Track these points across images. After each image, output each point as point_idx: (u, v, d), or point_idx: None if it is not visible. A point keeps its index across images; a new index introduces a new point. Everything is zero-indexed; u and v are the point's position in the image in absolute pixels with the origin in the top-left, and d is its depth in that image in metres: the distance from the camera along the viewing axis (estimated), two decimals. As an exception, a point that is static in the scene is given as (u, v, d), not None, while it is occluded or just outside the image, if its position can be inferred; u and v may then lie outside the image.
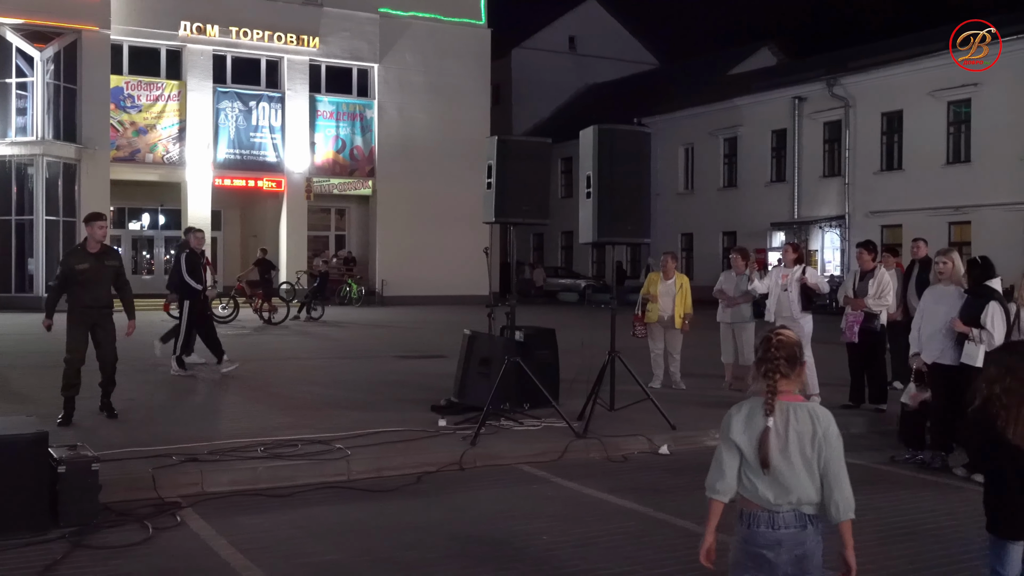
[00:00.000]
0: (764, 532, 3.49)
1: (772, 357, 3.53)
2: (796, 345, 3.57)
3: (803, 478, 3.46)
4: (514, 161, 9.38)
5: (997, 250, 16.67)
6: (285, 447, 8.20)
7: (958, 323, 7.88)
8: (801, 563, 3.49)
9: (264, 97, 34.89)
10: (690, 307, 12.38)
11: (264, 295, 23.87)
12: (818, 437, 3.47)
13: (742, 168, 38.36)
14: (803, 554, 3.48)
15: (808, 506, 3.48)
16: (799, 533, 3.47)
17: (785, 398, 3.52)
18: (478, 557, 5.76)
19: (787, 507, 3.47)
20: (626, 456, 8.67)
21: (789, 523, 3.47)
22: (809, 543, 3.49)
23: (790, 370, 3.52)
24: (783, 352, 3.53)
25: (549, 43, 53.33)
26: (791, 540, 3.47)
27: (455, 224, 34.20)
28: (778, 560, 3.48)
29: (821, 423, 3.49)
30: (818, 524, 3.51)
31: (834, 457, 3.48)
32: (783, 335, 3.59)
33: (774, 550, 3.48)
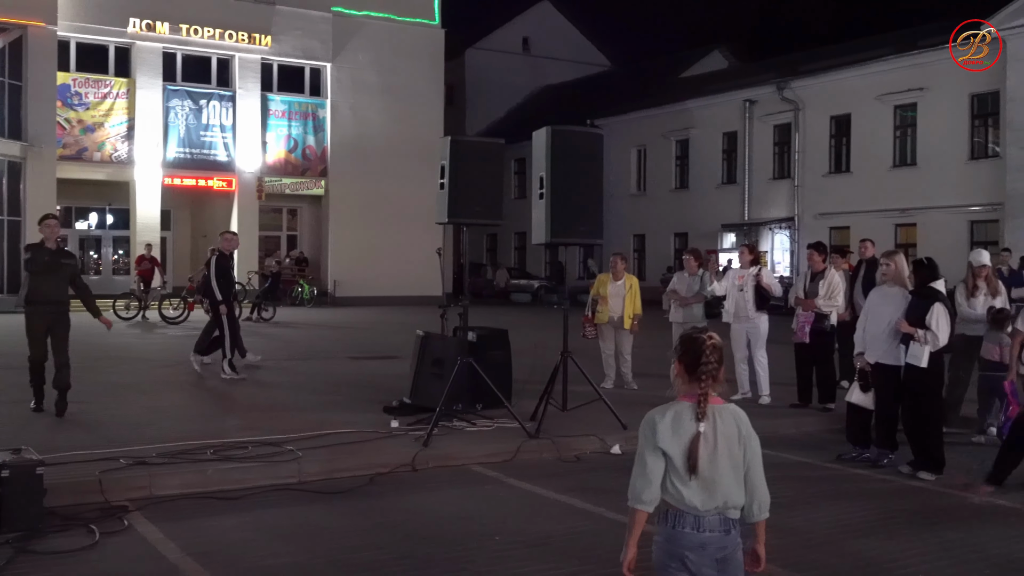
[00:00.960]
0: (689, 534, 3.48)
1: (708, 362, 3.50)
2: (722, 347, 3.59)
3: (730, 482, 3.48)
4: (467, 162, 9.38)
5: (942, 252, 17.00)
6: (235, 449, 8.12)
7: (904, 324, 8.01)
8: (722, 565, 3.50)
9: (215, 95, 34.51)
10: (639, 308, 12.46)
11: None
12: (743, 438, 3.51)
13: (694, 170, 38.69)
14: (724, 557, 3.49)
15: (733, 510, 3.50)
16: (723, 537, 3.48)
17: (713, 401, 3.52)
18: (430, 558, 5.75)
19: (714, 511, 3.47)
20: (579, 456, 8.71)
21: (714, 527, 3.48)
22: (730, 546, 3.50)
23: (719, 373, 3.53)
24: (716, 356, 3.52)
25: (503, 44, 53.39)
26: (715, 544, 3.48)
27: (408, 224, 34.11)
28: (700, 562, 3.47)
29: (743, 424, 3.54)
30: (739, 527, 3.53)
31: (756, 457, 3.52)
32: (715, 339, 3.58)
33: (697, 552, 3.47)
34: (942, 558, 5.84)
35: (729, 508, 3.49)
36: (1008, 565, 5.71)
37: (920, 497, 7.36)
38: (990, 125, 29.23)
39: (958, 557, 5.85)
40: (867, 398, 8.46)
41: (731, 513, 3.50)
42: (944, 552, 5.96)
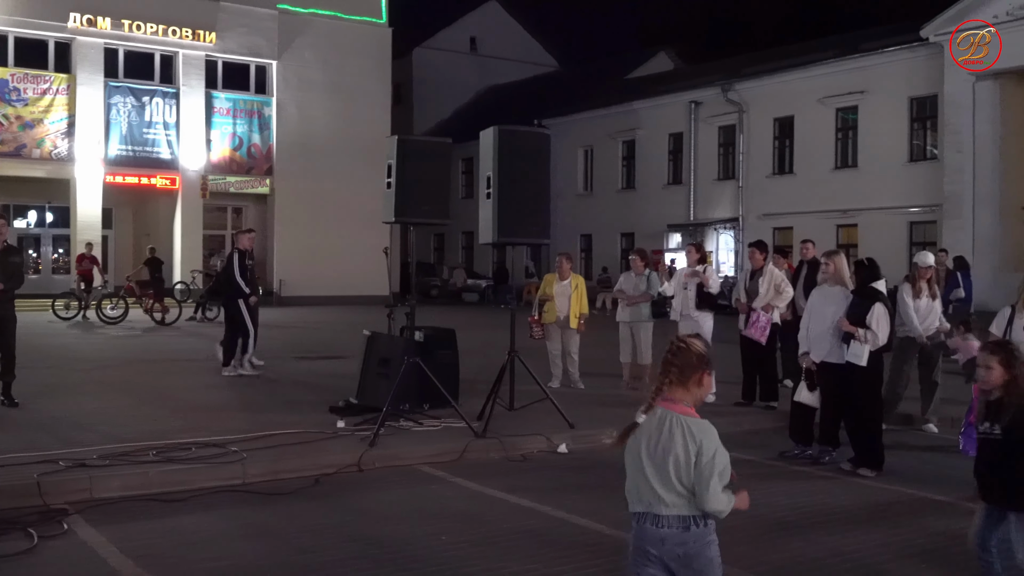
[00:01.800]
0: (649, 529, 3.55)
1: (667, 361, 3.61)
2: (696, 356, 3.60)
3: (653, 485, 3.53)
4: (414, 161, 9.36)
5: (882, 252, 17.33)
6: (178, 451, 8.01)
7: (845, 323, 8.14)
8: (685, 561, 3.53)
9: (158, 92, 34.02)
10: (586, 307, 12.53)
11: (155, 295, 23.26)
12: (689, 457, 3.49)
13: (640, 170, 38.96)
14: (685, 553, 3.53)
15: (685, 509, 3.52)
16: (681, 534, 3.52)
17: (670, 406, 3.57)
18: (376, 559, 5.73)
19: (664, 508, 3.51)
20: (525, 455, 8.73)
21: (672, 524, 3.52)
22: (691, 544, 3.52)
23: (682, 378, 3.57)
24: (679, 360, 3.59)
25: (450, 43, 53.32)
26: (673, 539, 3.52)
27: (355, 224, 33.90)
28: (662, 555, 3.54)
29: (694, 441, 3.51)
30: (706, 524, 3.54)
31: (700, 475, 3.48)
32: (685, 343, 3.63)
33: (657, 547, 3.54)
34: (882, 553, 5.95)
35: (675, 507, 3.51)
36: (947, 560, 5.83)
37: (861, 493, 7.49)
38: (928, 128, 29.83)
39: (897, 552, 5.96)
40: (814, 397, 8.59)
41: (684, 511, 3.51)
42: (883, 547, 6.07)
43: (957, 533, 6.41)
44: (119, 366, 14.29)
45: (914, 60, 29.31)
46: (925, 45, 28.51)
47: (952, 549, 6.02)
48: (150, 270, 23.63)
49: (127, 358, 13.54)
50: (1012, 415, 4.57)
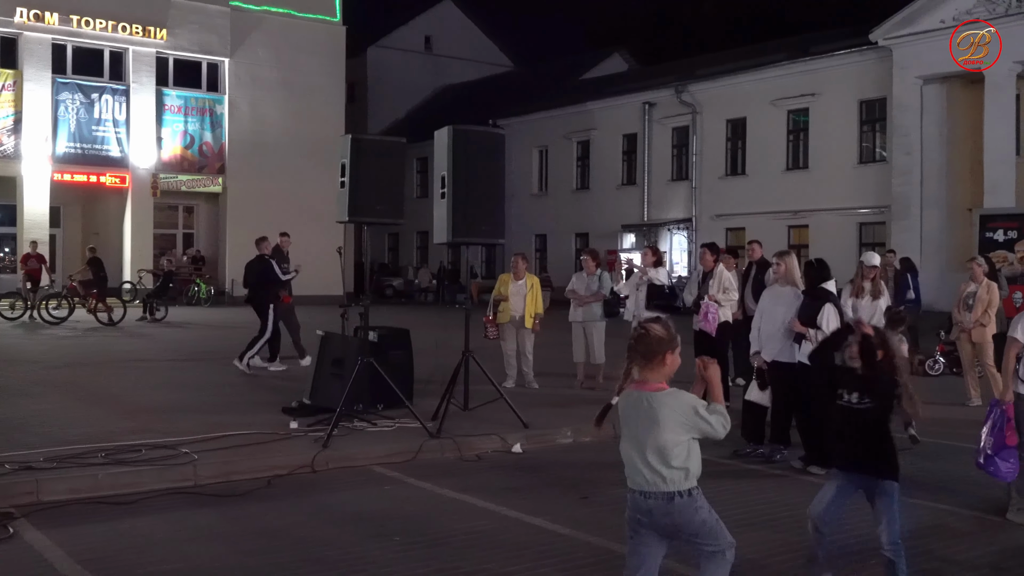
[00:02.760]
0: (639, 500, 3.95)
1: (631, 347, 3.99)
2: (655, 339, 3.93)
3: (642, 465, 3.92)
4: (368, 160, 9.32)
5: (832, 253, 17.53)
6: (128, 453, 7.90)
7: (796, 323, 8.22)
8: (675, 529, 3.94)
9: (107, 89, 33.54)
10: (541, 307, 12.55)
11: (98, 295, 22.89)
12: (654, 420, 3.89)
13: (594, 171, 39.12)
14: (672, 523, 3.91)
15: (666, 486, 3.86)
16: (666, 505, 3.88)
17: (641, 387, 3.95)
18: (329, 560, 5.69)
19: (647, 486, 3.89)
20: (480, 455, 8.72)
21: (658, 497, 3.89)
22: (677, 514, 3.89)
23: (647, 361, 3.93)
24: (641, 346, 3.95)
25: (405, 42, 53.14)
26: (659, 510, 3.90)
27: (308, 223, 33.47)
28: (653, 524, 3.94)
29: (663, 407, 3.89)
30: (690, 495, 3.90)
31: (700, 425, 3.90)
32: (645, 328, 3.96)
33: (647, 516, 3.93)
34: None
35: (644, 486, 3.89)
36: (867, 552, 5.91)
37: (811, 491, 7.55)
38: (878, 131, 30.29)
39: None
40: (764, 396, 8.67)
41: (664, 487, 3.87)
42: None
43: (905, 529, 6.51)
44: (65, 367, 14.06)
45: (863, 63, 29.75)
46: (874, 49, 28.95)
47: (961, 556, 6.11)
48: (93, 270, 23.26)
49: (73, 359, 13.33)
50: (882, 385, 4.85)
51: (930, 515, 6.87)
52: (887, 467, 4.90)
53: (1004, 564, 5.84)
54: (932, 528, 6.54)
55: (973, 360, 11.95)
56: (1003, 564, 5.83)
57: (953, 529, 6.58)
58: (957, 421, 9.97)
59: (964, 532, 6.53)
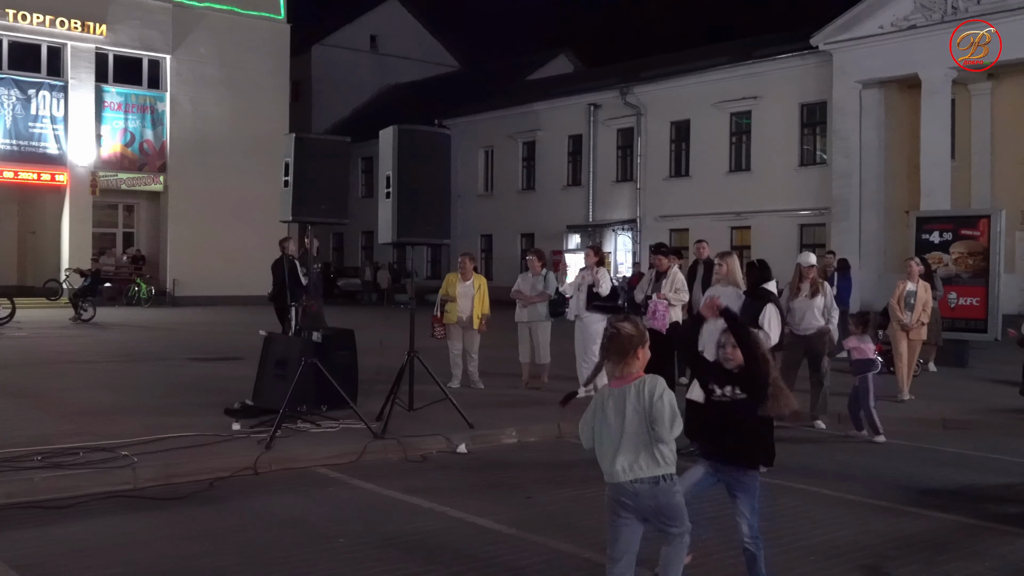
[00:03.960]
0: (625, 486, 4.18)
1: (604, 347, 4.30)
2: (626, 337, 4.24)
3: (632, 456, 4.17)
4: (312, 159, 9.25)
5: (774, 254, 17.80)
6: (65, 456, 7.75)
7: (738, 323, 8.32)
8: (656, 511, 4.22)
9: (45, 85, 32.87)
10: (487, 308, 12.56)
11: None
12: (643, 405, 4.16)
13: (540, 171, 39.23)
14: (655, 505, 4.19)
15: (656, 470, 4.17)
16: (652, 488, 4.17)
17: (620, 383, 4.25)
18: (272, 563, 5.64)
19: (638, 472, 4.15)
20: (424, 456, 8.70)
21: (645, 482, 4.17)
22: (661, 496, 4.18)
23: (621, 359, 4.25)
24: (614, 345, 4.26)
25: (350, 41, 52.84)
26: (646, 493, 4.17)
27: (252, 222, 33.28)
28: (637, 507, 4.20)
29: (645, 390, 4.18)
30: (672, 479, 4.22)
31: (661, 417, 4.13)
32: (616, 328, 4.24)
33: (633, 499, 4.18)
34: (770, 546, 6.10)
35: (631, 476, 4.15)
36: (830, 551, 6.02)
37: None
38: (818, 134, 30.77)
39: (784, 546, 6.13)
40: None
41: (648, 473, 4.15)
42: (770, 541, 6.22)
43: (846, 523, 6.63)
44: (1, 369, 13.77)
45: (804, 67, 30.20)
46: (815, 53, 29.39)
47: (839, 539, 6.22)
48: None
49: (10, 360, 13.03)
50: (753, 381, 4.98)
51: (864, 510, 7.01)
52: (754, 459, 5.08)
53: (888, 552, 5.97)
54: (861, 521, 6.66)
55: (907, 356, 12.19)
56: (887, 553, 5.97)
57: (862, 519, 6.71)
58: (889, 419, 10.13)
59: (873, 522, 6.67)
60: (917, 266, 12.52)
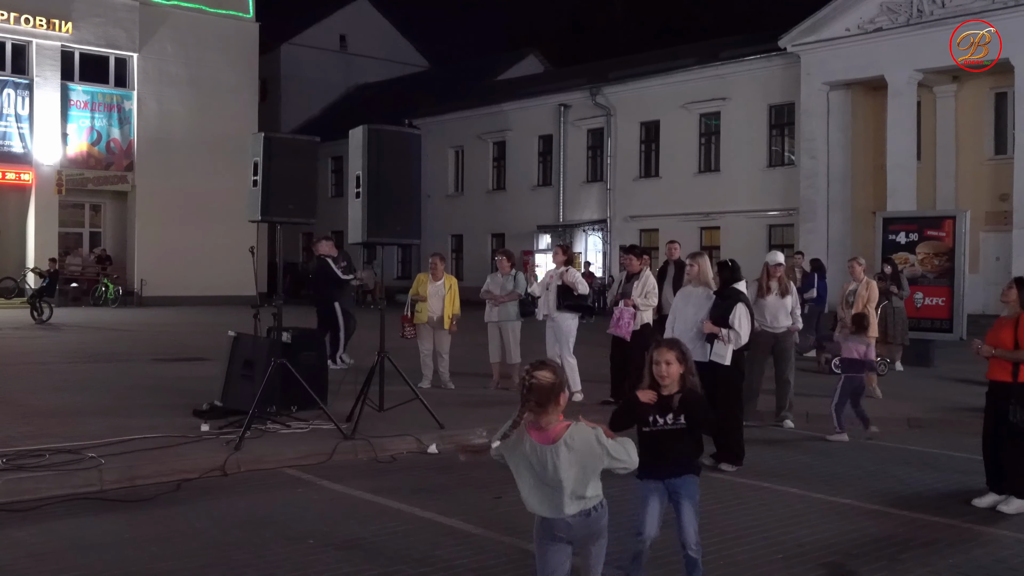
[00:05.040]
0: (557, 521, 4.06)
1: (524, 397, 3.96)
2: (546, 386, 3.94)
3: (557, 499, 4.02)
4: (281, 159, 9.21)
5: (742, 254, 17.84)
6: (29, 458, 7.66)
7: (708, 324, 8.35)
8: (589, 538, 4.14)
9: (9, 83, 32.48)
10: (458, 308, 12.55)
11: None
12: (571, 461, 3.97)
13: (510, 171, 39.24)
14: (589, 533, 4.11)
15: (585, 505, 4.05)
16: (584, 519, 4.07)
17: (541, 437, 3.98)
18: (239, 563, 5.60)
19: (569, 509, 4.02)
20: (395, 456, 8.68)
21: (577, 516, 4.05)
22: (593, 524, 4.10)
23: (542, 407, 3.95)
24: (533, 395, 3.94)
25: (319, 40, 52.59)
26: (579, 524, 4.07)
27: (220, 222, 33.06)
28: (570, 537, 4.10)
29: (577, 445, 3.98)
30: (603, 505, 4.11)
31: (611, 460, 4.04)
32: (535, 377, 3.95)
33: (565, 531, 4.09)
34: (737, 545, 6.15)
35: (562, 513, 4.03)
36: (796, 549, 6.07)
37: (722, 487, 7.71)
38: (786, 135, 31.00)
39: (751, 544, 6.17)
40: None
41: (579, 507, 4.03)
42: (736, 540, 6.27)
43: (810, 522, 6.69)
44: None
45: (772, 69, 30.41)
46: (782, 55, 29.61)
47: (804, 538, 6.27)
48: None
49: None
50: (688, 404, 4.96)
51: (828, 507, 7.08)
52: (692, 466, 5.07)
53: (852, 551, 6.03)
54: (822, 517, 6.73)
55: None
56: (851, 551, 6.03)
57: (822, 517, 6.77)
58: (852, 418, 10.19)
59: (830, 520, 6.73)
60: (860, 266, 12.72)
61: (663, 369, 4.95)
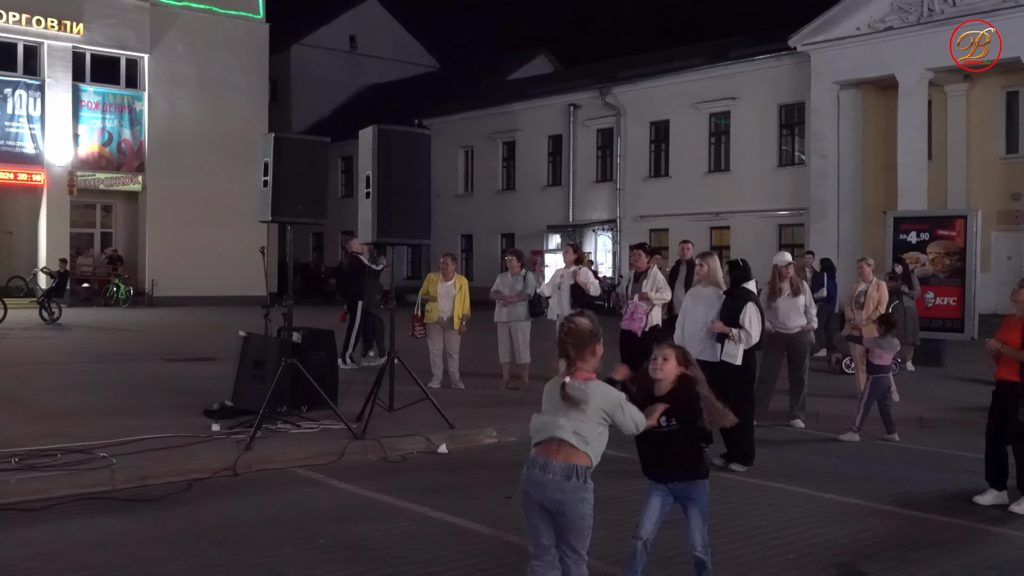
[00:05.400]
0: (536, 474, 4.14)
1: (562, 340, 4.23)
2: (585, 331, 4.20)
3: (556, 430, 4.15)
4: (291, 159, 9.24)
5: (752, 254, 17.80)
6: (42, 457, 7.69)
7: (719, 324, 8.33)
8: (560, 508, 4.11)
9: (21, 84, 32.60)
10: (468, 308, 12.56)
11: None
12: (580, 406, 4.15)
13: (520, 171, 39.22)
14: (560, 500, 4.09)
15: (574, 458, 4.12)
16: (562, 482, 4.09)
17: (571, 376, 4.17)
18: (245, 563, 5.62)
19: (561, 434, 4.12)
20: (404, 456, 8.69)
21: (557, 471, 4.10)
22: (569, 492, 4.08)
23: (578, 352, 4.18)
24: (571, 338, 4.20)
25: (329, 41, 52.67)
26: (553, 485, 4.09)
27: (231, 222, 33.14)
28: (542, 498, 4.12)
29: (583, 391, 4.17)
30: (586, 480, 4.12)
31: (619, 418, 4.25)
32: (574, 323, 4.23)
33: (538, 491, 4.13)
34: (747, 545, 6.14)
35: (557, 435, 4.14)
36: (806, 549, 6.06)
37: (731, 487, 7.70)
38: (796, 134, 30.92)
39: (761, 544, 6.17)
40: None
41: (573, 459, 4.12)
42: (747, 540, 6.27)
43: (820, 522, 6.67)
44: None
45: (781, 68, 30.34)
46: (792, 54, 29.53)
47: (814, 538, 6.26)
48: None
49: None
50: (685, 406, 4.86)
51: (839, 508, 7.06)
52: (698, 472, 4.98)
53: (862, 551, 6.02)
54: (834, 519, 6.72)
55: (863, 356, 12.27)
56: (861, 551, 6.01)
57: (858, 519, 6.76)
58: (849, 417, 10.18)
59: (873, 522, 6.72)
60: (869, 267, 12.68)
61: (659, 363, 4.88)
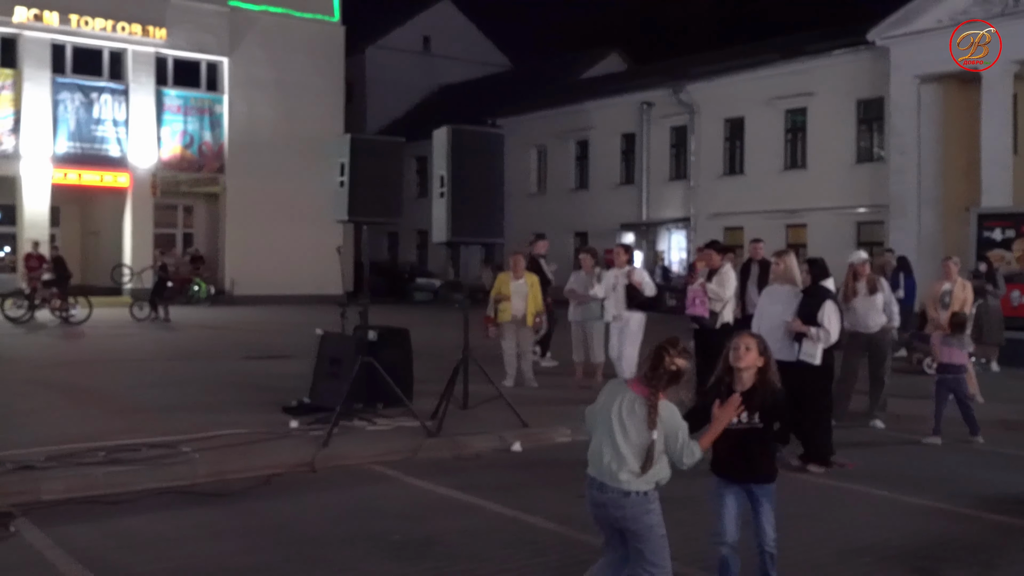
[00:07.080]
0: (594, 494, 4.28)
1: (658, 376, 4.22)
2: (684, 374, 4.26)
3: (614, 456, 4.20)
4: (367, 160, 9.35)
5: (830, 252, 17.52)
6: (127, 451, 7.93)
7: (798, 323, 8.21)
8: (622, 523, 4.23)
9: (107, 89, 33.51)
10: (541, 305, 12.59)
11: (60, 294, 22.81)
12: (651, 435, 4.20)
13: (592, 170, 39.12)
14: (623, 516, 4.20)
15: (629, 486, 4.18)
16: (621, 499, 4.19)
17: (643, 392, 4.23)
18: (320, 558, 5.72)
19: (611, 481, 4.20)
20: (478, 454, 8.76)
21: (614, 491, 4.20)
22: (629, 508, 4.19)
23: (668, 384, 4.24)
24: (668, 376, 4.22)
25: (403, 42, 53.13)
26: (613, 504, 4.21)
27: (307, 222, 33.60)
28: (606, 517, 4.27)
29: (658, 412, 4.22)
30: (647, 495, 4.20)
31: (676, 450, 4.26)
32: (677, 365, 4.22)
33: (600, 509, 4.27)
34: (822, 547, 6.06)
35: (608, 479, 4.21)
36: (883, 553, 5.95)
37: (808, 489, 7.61)
38: (875, 130, 30.30)
39: (836, 547, 6.07)
40: None
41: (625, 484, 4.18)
42: (823, 543, 6.18)
43: (899, 526, 6.56)
44: (59, 366, 14.06)
45: (859, 63, 29.74)
46: (870, 48, 28.94)
47: (892, 542, 6.16)
48: (56, 269, 23.22)
49: (67, 358, 13.31)
50: (765, 402, 4.80)
51: (923, 512, 6.93)
52: (770, 472, 4.93)
53: (943, 555, 5.88)
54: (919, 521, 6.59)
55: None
56: (942, 555, 5.88)
57: (942, 524, 6.62)
58: (945, 420, 9.91)
59: (954, 527, 6.58)
60: (955, 266, 12.33)
61: (740, 352, 4.80)
